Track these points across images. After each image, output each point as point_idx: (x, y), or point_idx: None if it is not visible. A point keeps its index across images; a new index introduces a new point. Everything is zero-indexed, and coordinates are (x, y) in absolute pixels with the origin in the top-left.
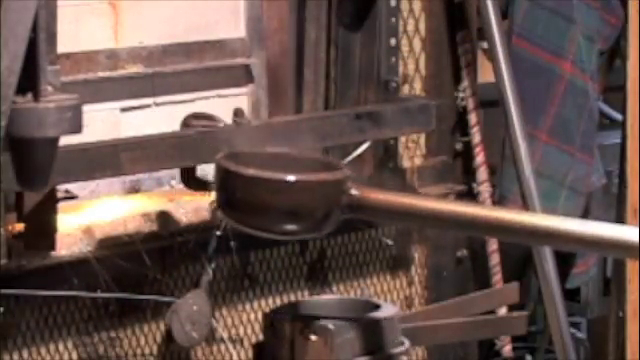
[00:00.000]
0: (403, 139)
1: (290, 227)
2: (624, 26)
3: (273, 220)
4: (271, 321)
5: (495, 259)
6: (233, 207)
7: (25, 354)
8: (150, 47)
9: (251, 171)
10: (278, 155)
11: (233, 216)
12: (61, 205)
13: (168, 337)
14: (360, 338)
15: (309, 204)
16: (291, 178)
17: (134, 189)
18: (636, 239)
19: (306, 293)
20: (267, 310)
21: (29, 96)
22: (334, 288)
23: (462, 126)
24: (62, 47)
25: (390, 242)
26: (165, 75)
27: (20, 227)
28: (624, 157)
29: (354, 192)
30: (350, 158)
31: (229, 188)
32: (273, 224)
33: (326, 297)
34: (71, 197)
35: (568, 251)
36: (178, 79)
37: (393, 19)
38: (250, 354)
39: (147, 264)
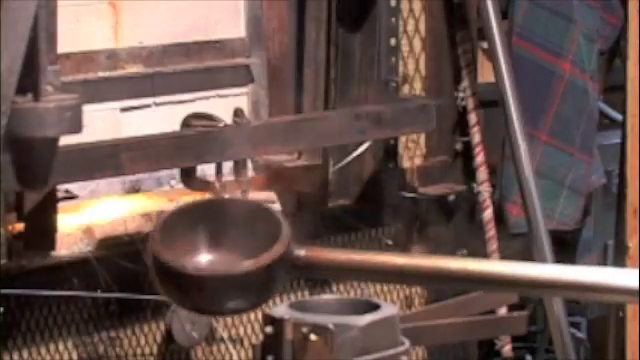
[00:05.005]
0: (403, 139)
1: (235, 306)
2: (624, 26)
3: (218, 304)
4: (271, 321)
5: (495, 259)
6: (172, 294)
7: (25, 354)
8: (150, 47)
9: (190, 269)
10: (211, 216)
11: (174, 298)
12: (61, 205)
13: (168, 337)
14: (360, 338)
15: (255, 284)
16: (238, 270)
17: (134, 189)
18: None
19: (306, 293)
20: (267, 310)
21: (29, 96)
22: (334, 288)
23: (462, 126)
24: (62, 47)
25: (390, 242)
26: (165, 75)
27: (20, 227)
28: (624, 157)
29: (298, 253)
30: (350, 158)
31: (169, 281)
32: (218, 306)
33: (326, 297)
34: (71, 197)
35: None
36: (178, 79)
37: (393, 19)
38: (250, 354)
39: (147, 264)
